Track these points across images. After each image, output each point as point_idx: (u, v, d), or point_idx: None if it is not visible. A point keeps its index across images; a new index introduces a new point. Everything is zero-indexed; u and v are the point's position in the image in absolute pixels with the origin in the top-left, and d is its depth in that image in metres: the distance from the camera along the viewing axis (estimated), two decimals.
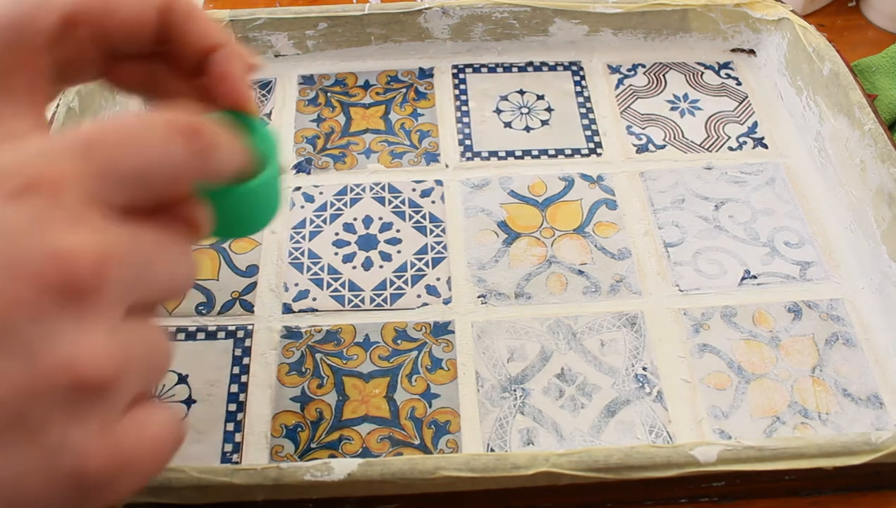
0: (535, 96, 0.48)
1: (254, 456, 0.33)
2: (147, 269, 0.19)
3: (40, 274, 0.16)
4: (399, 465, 0.29)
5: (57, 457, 0.17)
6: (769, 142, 0.46)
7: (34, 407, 0.16)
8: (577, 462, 0.29)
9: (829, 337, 0.37)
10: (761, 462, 0.30)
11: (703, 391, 0.35)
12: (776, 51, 0.48)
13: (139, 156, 0.19)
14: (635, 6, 0.48)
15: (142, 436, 0.19)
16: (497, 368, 0.36)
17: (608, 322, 0.38)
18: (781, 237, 0.41)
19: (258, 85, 0.48)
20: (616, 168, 0.44)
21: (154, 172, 0.19)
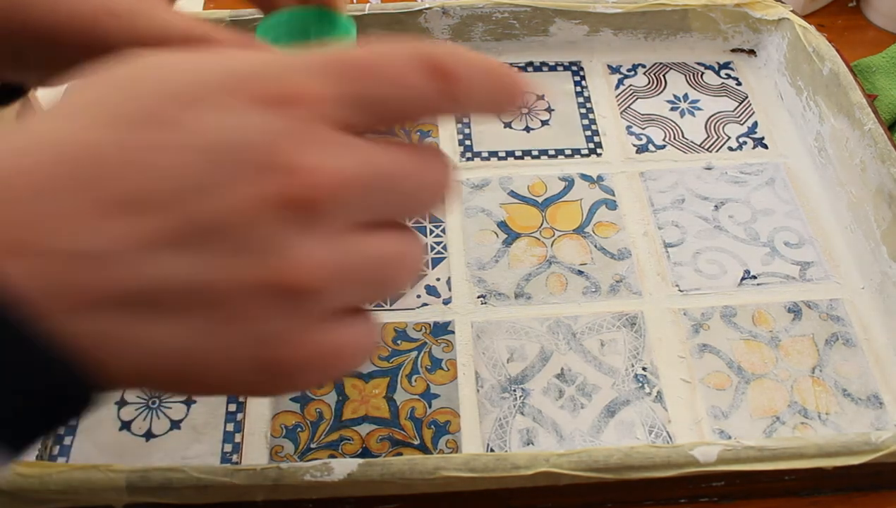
0: (534, 96, 0.48)
1: (254, 456, 0.33)
2: (386, 193, 0.20)
3: (284, 185, 0.18)
4: (399, 465, 0.29)
5: (255, 344, 0.19)
6: (769, 142, 0.46)
7: (245, 299, 0.18)
8: (576, 463, 0.29)
9: (828, 337, 0.37)
10: (761, 462, 0.30)
11: (703, 391, 0.35)
12: (776, 51, 0.48)
13: (390, 88, 0.20)
14: (635, 6, 0.48)
15: (341, 340, 0.20)
16: (497, 368, 0.36)
17: (608, 322, 0.38)
18: (781, 237, 0.41)
19: None
20: (616, 168, 0.44)
21: (402, 105, 0.20)
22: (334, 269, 0.19)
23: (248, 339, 0.19)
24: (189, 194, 0.18)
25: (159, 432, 0.34)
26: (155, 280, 0.18)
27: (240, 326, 0.19)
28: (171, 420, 0.34)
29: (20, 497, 0.29)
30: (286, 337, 0.19)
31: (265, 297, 0.19)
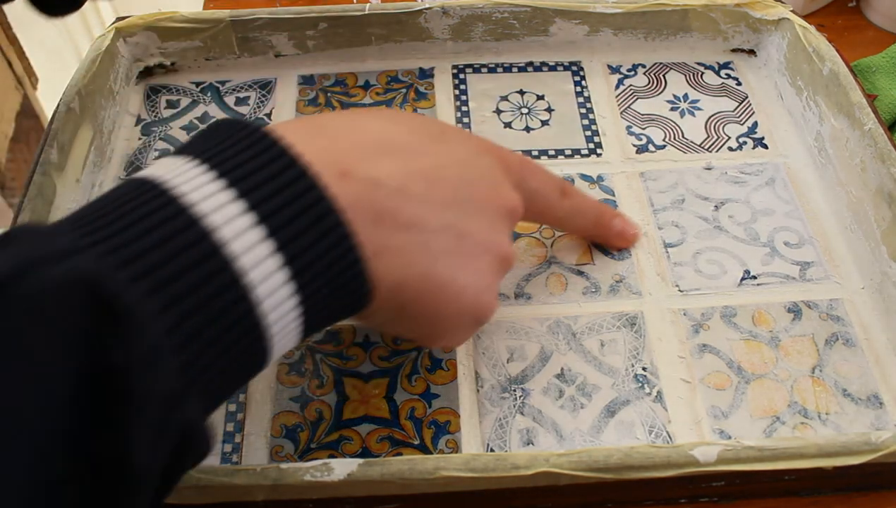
0: (535, 96, 0.48)
1: (254, 456, 0.33)
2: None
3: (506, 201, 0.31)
4: (399, 465, 0.29)
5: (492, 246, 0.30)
6: (769, 142, 0.46)
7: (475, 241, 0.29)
8: (576, 462, 0.29)
9: (828, 337, 0.37)
10: (761, 462, 0.30)
11: (703, 391, 0.35)
12: (776, 51, 0.48)
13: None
14: (635, 6, 0.48)
15: None
16: (497, 368, 0.36)
17: (608, 322, 0.38)
18: (781, 237, 0.41)
19: (258, 85, 0.48)
20: (616, 168, 0.44)
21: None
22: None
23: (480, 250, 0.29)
24: (458, 180, 0.29)
25: None
26: (422, 217, 0.27)
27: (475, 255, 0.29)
28: None
29: None
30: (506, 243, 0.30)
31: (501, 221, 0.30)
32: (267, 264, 0.23)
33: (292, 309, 0.24)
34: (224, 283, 0.22)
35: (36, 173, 0.38)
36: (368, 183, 0.26)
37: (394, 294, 0.27)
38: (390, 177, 0.27)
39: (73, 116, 0.41)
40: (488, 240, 0.29)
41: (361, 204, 0.25)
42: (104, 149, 0.44)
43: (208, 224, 0.22)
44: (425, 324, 0.29)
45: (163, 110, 0.47)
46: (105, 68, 0.45)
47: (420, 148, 0.29)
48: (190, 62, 0.48)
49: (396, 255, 0.26)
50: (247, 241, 0.23)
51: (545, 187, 0.34)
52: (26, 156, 0.92)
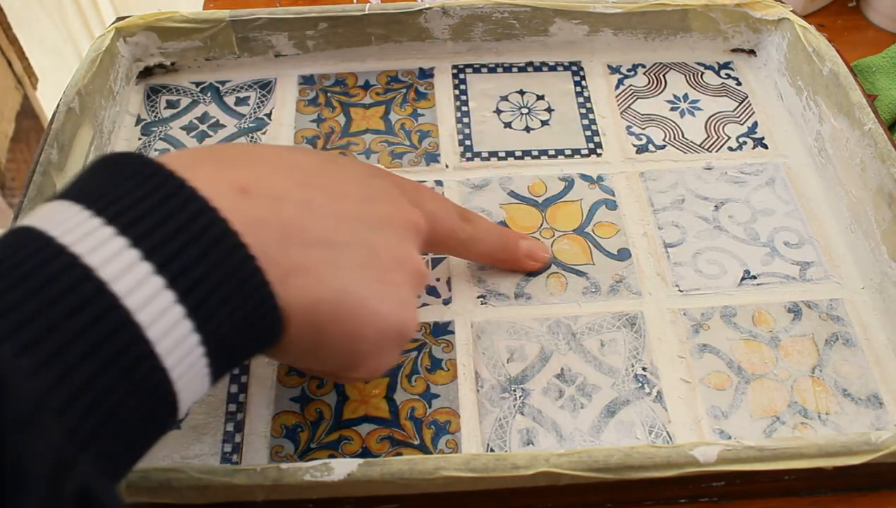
0: (535, 96, 0.48)
1: (254, 456, 0.33)
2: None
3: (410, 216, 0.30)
4: (399, 465, 0.29)
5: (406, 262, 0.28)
6: (769, 142, 0.46)
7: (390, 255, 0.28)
8: (576, 462, 0.29)
9: (828, 337, 0.37)
10: (761, 462, 0.30)
11: (703, 391, 0.35)
12: (776, 51, 0.48)
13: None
14: (635, 6, 0.48)
15: None
16: (497, 368, 0.36)
17: (608, 322, 0.38)
18: (781, 237, 0.41)
19: (258, 85, 0.48)
20: (616, 168, 0.44)
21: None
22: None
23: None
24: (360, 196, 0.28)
25: None
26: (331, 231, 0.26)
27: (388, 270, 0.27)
28: None
29: None
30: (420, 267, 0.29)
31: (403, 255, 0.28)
32: (158, 301, 0.21)
33: (194, 348, 0.22)
34: (110, 328, 0.20)
35: (36, 173, 0.38)
36: (269, 199, 0.24)
37: (309, 317, 0.25)
38: (292, 191, 0.25)
39: (73, 116, 0.41)
40: (399, 254, 0.28)
41: (264, 221, 0.24)
42: (104, 149, 0.44)
43: (86, 264, 0.20)
44: (345, 349, 0.27)
45: (163, 110, 0.47)
46: (105, 68, 0.45)
47: (316, 167, 0.27)
48: (190, 62, 0.48)
49: (306, 274, 0.24)
50: (132, 279, 0.20)
51: (444, 210, 0.33)
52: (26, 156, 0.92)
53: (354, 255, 0.26)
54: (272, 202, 0.24)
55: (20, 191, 0.45)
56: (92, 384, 0.19)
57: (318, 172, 0.27)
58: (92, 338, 0.19)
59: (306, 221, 0.25)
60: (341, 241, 0.26)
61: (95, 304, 0.20)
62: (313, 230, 0.25)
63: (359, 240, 0.27)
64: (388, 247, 0.28)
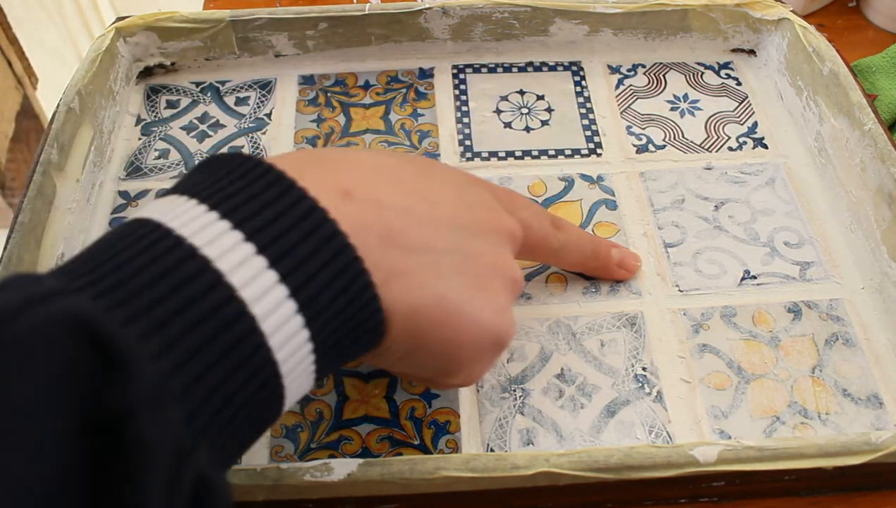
0: (535, 96, 0.48)
1: (254, 456, 0.33)
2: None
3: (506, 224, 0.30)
4: (399, 465, 0.29)
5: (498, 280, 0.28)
6: (769, 142, 0.46)
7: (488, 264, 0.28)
8: (576, 462, 0.29)
9: (828, 337, 0.37)
10: (761, 462, 0.30)
11: (703, 391, 0.35)
12: (776, 51, 0.48)
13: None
14: (635, 6, 0.48)
15: None
16: (497, 368, 0.36)
17: (608, 322, 0.38)
18: (781, 237, 0.41)
19: (258, 85, 0.48)
20: (616, 168, 0.44)
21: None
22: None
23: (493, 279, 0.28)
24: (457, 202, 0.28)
25: None
26: (430, 237, 0.26)
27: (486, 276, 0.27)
28: None
29: None
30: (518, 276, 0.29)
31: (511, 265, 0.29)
32: (272, 295, 0.21)
33: (304, 344, 0.22)
34: (228, 318, 0.20)
35: (36, 173, 0.38)
36: (372, 203, 0.25)
37: (408, 321, 0.25)
38: (393, 197, 0.26)
39: (73, 116, 0.41)
40: (497, 261, 0.28)
41: (367, 225, 0.24)
42: (104, 149, 0.44)
43: (204, 255, 0.21)
44: (442, 354, 0.27)
45: (163, 110, 0.47)
46: (105, 68, 0.45)
47: (415, 173, 0.28)
48: (190, 62, 0.48)
49: (408, 278, 0.25)
50: (248, 273, 0.21)
51: (537, 218, 0.33)
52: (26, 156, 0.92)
53: (453, 262, 0.26)
54: (374, 207, 0.25)
55: (20, 191, 0.45)
56: (209, 371, 0.20)
57: (418, 177, 0.27)
58: (210, 327, 0.20)
59: (407, 226, 0.25)
60: (440, 247, 0.26)
61: (214, 294, 0.20)
62: (414, 235, 0.25)
63: (457, 247, 0.27)
64: (485, 253, 0.28)
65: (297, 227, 0.22)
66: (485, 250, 0.28)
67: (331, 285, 0.22)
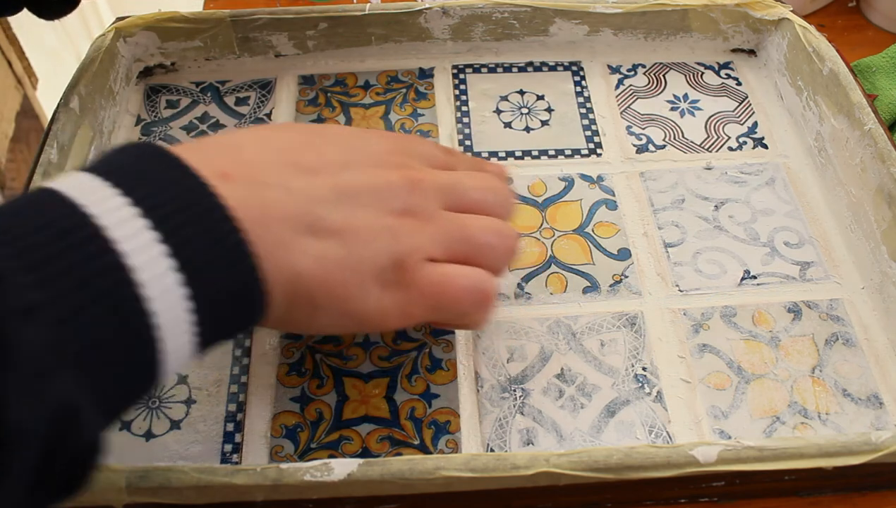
0: (535, 96, 0.48)
1: (254, 456, 0.33)
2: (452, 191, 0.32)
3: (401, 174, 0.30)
4: (399, 465, 0.29)
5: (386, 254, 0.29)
6: (769, 142, 0.46)
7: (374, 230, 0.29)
8: (576, 462, 0.29)
9: (828, 337, 0.37)
10: (761, 462, 0.30)
11: (703, 391, 0.35)
12: (776, 51, 0.48)
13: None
14: (635, 6, 0.48)
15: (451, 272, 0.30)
16: (497, 368, 0.36)
17: (608, 322, 0.38)
18: (781, 237, 0.41)
19: (258, 85, 0.48)
20: (616, 168, 0.44)
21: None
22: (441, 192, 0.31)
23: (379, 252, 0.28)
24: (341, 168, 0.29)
25: (159, 432, 0.34)
26: (316, 215, 0.27)
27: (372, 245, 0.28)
28: (171, 420, 0.34)
29: None
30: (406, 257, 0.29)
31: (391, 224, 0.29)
32: (150, 251, 0.22)
33: (180, 299, 0.23)
34: (103, 265, 0.21)
35: (36, 173, 0.38)
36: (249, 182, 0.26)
37: (293, 284, 0.26)
38: (270, 174, 0.27)
39: (73, 116, 0.41)
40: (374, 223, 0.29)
41: (246, 203, 0.25)
42: (104, 149, 0.44)
43: (88, 213, 0.22)
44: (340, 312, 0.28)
45: (163, 110, 0.47)
46: (105, 68, 0.45)
47: (301, 142, 0.29)
48: (190, 62, 0.48)
49: (287, 247, 0.26)
50: (126, 225, 0.22)
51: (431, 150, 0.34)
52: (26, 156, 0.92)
53: (332, 227, 0.28)
54: (252, 185, 0.26)
55: (20, 191, 0.45)
56: (79, 312, 0.21)
57: (302, 147, 0.29)
58: (86, 270, 0.21)
59: (283, 200, 0.27)
60: (319, 215, 0.27)
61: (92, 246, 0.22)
62: (291, 207, 0.27)
63: (336, 214, 0.28)
64: (362, 218, 0.29)
65: (181, 197, 0.24)
66: (361, 217, 0.28)
67: (212, 248, 0.24)
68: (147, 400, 0.35)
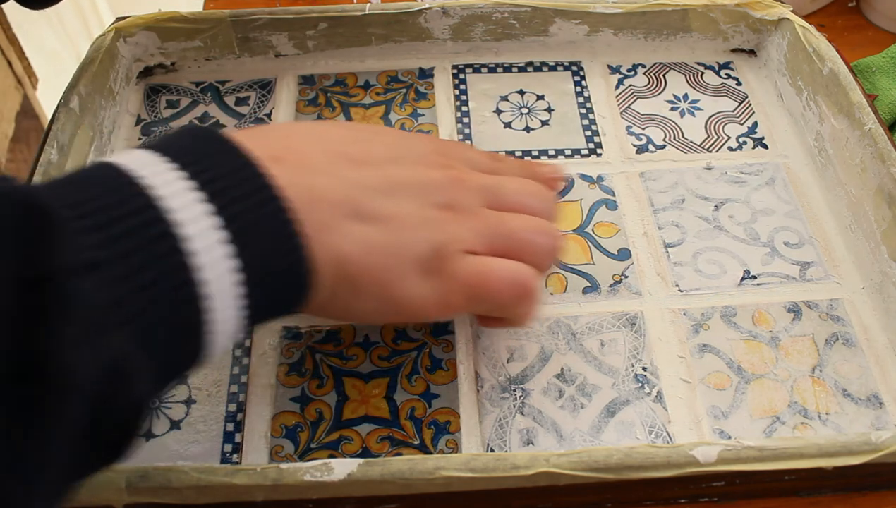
0: (535, 96, 0.48)
1: (254, 456, 0.33)
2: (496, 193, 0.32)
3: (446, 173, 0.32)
4: (399, 465, 0.29)
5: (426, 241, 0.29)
6: (769, 142, 0.46)
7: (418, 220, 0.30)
8: (576, 462, 0.29)
9: (828, 337, 0.37)
10: (761, 462, 0.30)
11: (703, 391, 0.35)
12: (776, 51, 0.48)
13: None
14: (635, 6, 0.48)
15: (491, 264, 0.30)
16: (497, 368, 0.36)
17: (608, 322, 0.38)
18: (781, 237, 0.41)
19: (258, 85, 0.48)
20: (616, 168, 0.44)
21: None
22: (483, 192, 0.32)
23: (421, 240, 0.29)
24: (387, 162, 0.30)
25: (159, 432, 0.34)
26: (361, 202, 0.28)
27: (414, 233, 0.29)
28: (171, 420, 0.34)
29: None
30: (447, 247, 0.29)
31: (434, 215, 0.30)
32: (202, 219, 0.23)
33: (230, 271, 0.24)
34: (159, 232, 0.22)
35: (36, 173, 0.38)
36: (299, 166, 0.27)
37: (338, 267, 0.27)
38: (319, 161, 0.28)
39: (73, 116, 0.41)
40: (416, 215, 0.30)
41: (295, 184, 0.26)
42: (104, 149, 0.44)
43: (145, 183, 0.23)
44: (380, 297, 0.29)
45: (163, 110, 0.47)
46: (105, 68, 0.45)
47: (346, 136, 0.31)
48: (190, 62, 0.48)
49: (332, 230, 0.27)
50: (181, 197, 0.23)
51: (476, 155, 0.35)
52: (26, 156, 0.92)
53: (378, 217, 0.28)
54: (301, 169, 0.27)
55: None
56: (136, 274, 0.22)
57: (348, 141, 0.30)
58: (143, 238, 0.22)
59: (331, 185, 0.28)
60: (364, 202, 0.28)
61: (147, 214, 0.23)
62: (339, 193, 0.28)
63: (381, 205, 0.29)
64: (405, 210, 0.29)
65: (234, 174, 0.25)
66: (405, 207, 0.29)
67: (261, 224, 0.25)
68: None
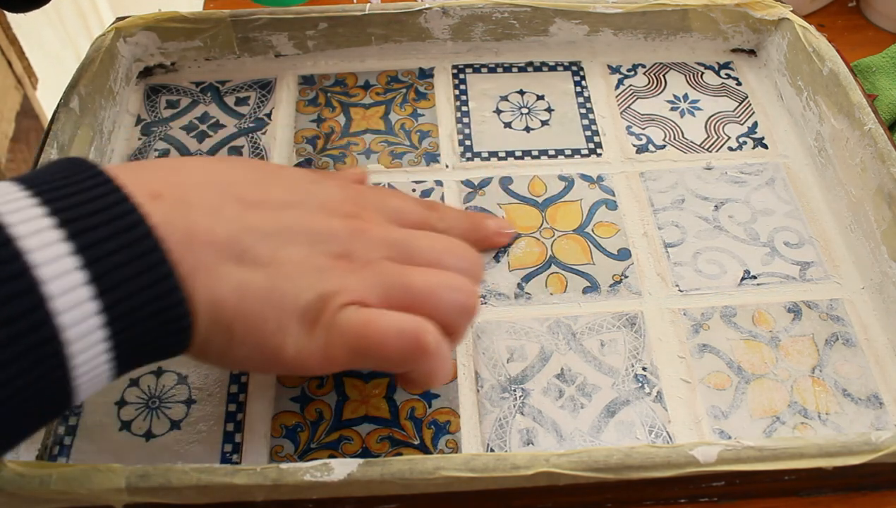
0: (535, 96, 0.48)
1: (254, 456, 0.33)
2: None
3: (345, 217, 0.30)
4: (399, 465, 0.29)
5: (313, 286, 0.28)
6: (769, 142, 0.46)
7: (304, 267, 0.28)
8: (576, 462, 0.29)
9: (828, 337, 0.37)
10: (761, 462, 0.30)
11: (703, 391, 0.35)
12: (776, 51, 0.48)
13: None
14: (635, 6, 0.48)
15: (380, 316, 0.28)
16: (497, 368, 0.36)
17: (608, 322, 0.38)
18: (781, 237, 0.41)
19: (258, 85, 0.48)
20: (616, 168, 0.44)
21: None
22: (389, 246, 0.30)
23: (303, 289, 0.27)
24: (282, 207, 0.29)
25: (159, 432, 0.34)
26: (244, 244, 0.27)
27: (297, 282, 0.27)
28: (171, 420, 0.34)
29: (20, 497, 0.29)
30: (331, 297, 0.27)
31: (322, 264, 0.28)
32: (60, 260, 0.22)
33: (97, 327, 0.23)
34: (10, 272, 0.21)
35: None
36: (179, 203, 0.26)
37: (214, 313, 0.26)
38: (203, 199, 0.27)
39: (73, 116, 0.41)
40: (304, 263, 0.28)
41: (172, 223, 0.25)
42: (104, 149, 0.44)
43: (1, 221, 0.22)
44: (254, 345, 0.27)
45: (163, 110, 0.47)
46: (105, 68, 0.45)
47: (244, 178, 0.29)
48: (190, 62, 0.48)
49: (209, 272, 0.26)
50: (39, 235, 0.22)
51: (408, 204, 0.34)
52: (26, 156, 0.92)
53: (259, 260, 0.27)
54: (182, 207, 0.26)
55: None
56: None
57: (245, 182, 0.29)
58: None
59: (213, 226, 0.26)
60: (246, 246, 0.27)
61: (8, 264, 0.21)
62: (220, 234, 0.26)
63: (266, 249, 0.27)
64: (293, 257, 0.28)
65: (104, 212, 0.23)
66: (293, 254, 0.28)
67: (129, 264, 0.23)
68: (147, 399, 0.35)
